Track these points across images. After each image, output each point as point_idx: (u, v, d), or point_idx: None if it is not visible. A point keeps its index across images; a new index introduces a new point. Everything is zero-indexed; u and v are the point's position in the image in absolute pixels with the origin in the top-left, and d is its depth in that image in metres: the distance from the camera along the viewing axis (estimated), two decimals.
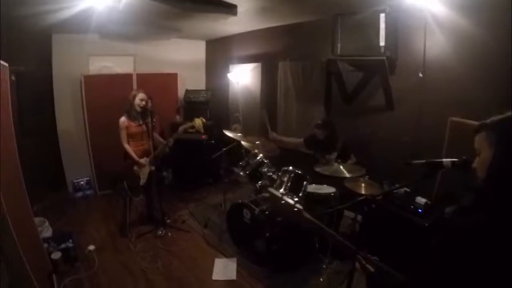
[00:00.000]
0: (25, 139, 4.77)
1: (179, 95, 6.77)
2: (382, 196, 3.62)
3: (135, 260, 3.79)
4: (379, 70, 4.08)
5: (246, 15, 4.55)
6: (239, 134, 4.57)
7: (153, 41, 6.44)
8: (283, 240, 3.50)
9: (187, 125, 4.48)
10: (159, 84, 6.17)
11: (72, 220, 4.80)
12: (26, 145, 4.81)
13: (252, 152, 4.28)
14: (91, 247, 3.94)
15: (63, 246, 3.70)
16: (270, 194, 3.35)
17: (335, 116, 4.81)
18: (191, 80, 7.16)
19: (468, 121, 3.28)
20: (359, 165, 3.82)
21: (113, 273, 3.57)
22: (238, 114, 6.44)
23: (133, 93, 4.22)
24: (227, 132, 4.62)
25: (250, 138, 4.55)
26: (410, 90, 4.03)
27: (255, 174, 4.08)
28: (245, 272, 3.59)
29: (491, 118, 1.25)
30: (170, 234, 4.31)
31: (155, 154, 4.21)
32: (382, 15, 3.70)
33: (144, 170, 4.28)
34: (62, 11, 3.69)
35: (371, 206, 3.57)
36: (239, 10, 4.21)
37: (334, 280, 3.38)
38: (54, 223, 4.40)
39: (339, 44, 4.12)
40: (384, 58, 3.80)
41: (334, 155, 4.08)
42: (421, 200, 3.46)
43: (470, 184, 1.31)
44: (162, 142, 4.39)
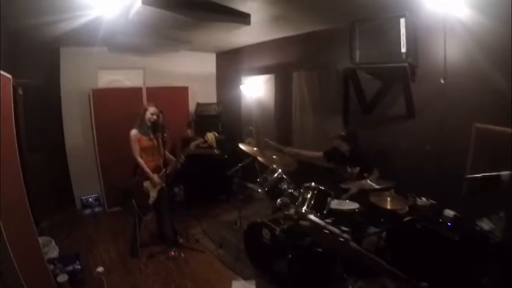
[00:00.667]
0: (32, 155, 4.77)
1: (190, 109, 6.71)
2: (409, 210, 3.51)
3: (147, 283, 3.61)
4: (400, 77, 3.93)
5: (259, 24, 4.48)
6: (255, 149, 4.40)
7: (162, 53, 6.41)
8: (306, 261, 3.34)
9: (198, 140, 4.32)
10: (169, 98, 6.09)
11: (80, 239, 4.66)
12: (33, 160, 4.82)
13: (270, 167, 4.10)
14: (100, 269, 3.76)
15: (70, 268, 3.55)
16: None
17: (354, 127, 4.63)
18: (202, 93, 7.09)
19: (494, 127, 3.24)
20: (383, 178, 3.69)
21: None
22: (251, 128, 6.30)
23: (144, 106, 4.13)
24: (243, 147, 4.46)
25: (267, 152, 4.37)
26: (431, 97, 3.89)
27: (274, 191, 3.89)
28: None
29: None
30: (183, 255, 4.12)
31: (167, 171, 4.08)
32: (402, 20, 3.55)
33: (155, 188, 4.14)
34: (70, 21, 3.65)
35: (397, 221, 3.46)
36: (252, 19, 4.16)
37: None
38: (61, 242, 4.27)
39: (357, 52, 3.97)
40: (406, 64, 3.65)
41: (357, 169, 3.95)
42: (449, 212, 3.35)
43: None
44: (173, 159, 4.25)
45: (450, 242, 3.01)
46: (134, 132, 4.03)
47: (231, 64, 7.05)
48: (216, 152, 5.70)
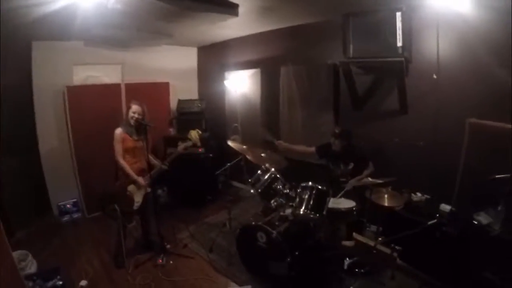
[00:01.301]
0: (4, 159, 4.58)
1: (171, 106, 6.53)
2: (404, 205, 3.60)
3: None
4: (394, 72, 3.92)
5: (246, 16, 4.33)
6: (244, 146, 4.26)
7: (142, 48, 6.17)
8: (305, 263, 3.29)
9: (187, 143, 4.16)
10: (149, 94, 5.87)
11: (59, 249, 4.39)
12: (6, 165, 4.62)
13: (263, 166, 3.96)
14: (83, 283, 3.51)
15: (51, 284, 3.31)
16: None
17: (344, 122, 4.66)
18: (183, 89, 6.94)
19: (487, 122, 3.31)
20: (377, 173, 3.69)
21: None
22: (236, 125, 6.19)
23: (128, 104, 3.91)
24: (232, 144, 4.30)
25: (256, 150, 4.25)
26: (424, 92, 3.94)
27: (268, 192, 3.77)
28: None
29: None
30: (171, 262, 3.95)
31: (151, 174, 3.90)
32: (399, 14, 3.53)
33: (140, 192, 3.94)
34: (43, 6, 3.34)
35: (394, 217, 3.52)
36: (240, 10, 4.02)
37: None
38: (39, 254, 4.01)
39: (351, 46, 3.92)
40: (402, 59, 3.64)
41: (351, 166, 3.92)
42: (445, 207, 3.47)
43: None
44: (156, 163, 4.07)
45: (448, 237, 3.13)
46: (119, 131, 3.81)
47: (214, 58, 6.91)
48: (200, 150, 5.56)
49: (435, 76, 3.76)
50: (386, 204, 3.25)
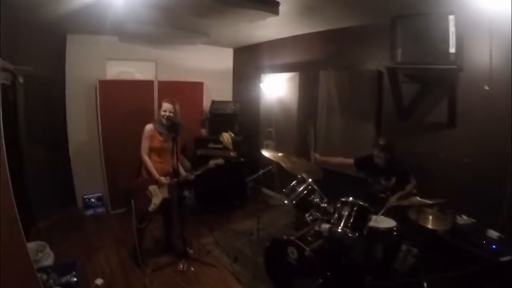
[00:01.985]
0: (32, 148, 4.72)
1: (204, 107, 6.52)
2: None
3: None
4: (445, 81, 3.74)
5: (287, 16, 4.29)
6: (279, 154, 4.10)
7: (177, 46, 6.24)
8: (337, 284, 3.09)
9: (219, 161, 4.03)
10: (183, 93, 5.83)
11: (79, 243, 4.42)
12: (34, 155, 4.76)
13: (299, 176, 3.80)
14: (99, 281, 3.45)
15: (65, 279, 3.27)
16: None
17: (386, 134, 4.40)
18: (217, 90, 6.94)
19: None
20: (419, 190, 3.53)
21: None
22: (270, 129, 6.08)
23: (161, 103, 3.86)
24: (265, 153, 4.16)
25: (292, 158, 4.08)
26: (474, 104, 3.68)
27: (304, 204, 3.61)
28: None
29: None
30: (193, 269, 3.83)
31: (178, 180, 3.83)
32: (451, 17, 3.32)
33: (160, 195, 3.84)
34: None
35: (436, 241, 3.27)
36: (281, 9, 3.93)
37: None
38: (58, 246, 4.05)
39: (399, 50, 3.70)
40: (455, 67, 3.42)
41: (393, 180, 3.72)
42: (493, 233, 3.19)
43: None
44: (183, 171, 3.98)
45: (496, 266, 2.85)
46: (149, 127, 3.79)
47: (250, 60, 6.88)
48: (231, 154, 5.48)
49: (487, 87, 3.49)
50: (430, 226, 3.03)
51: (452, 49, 3.34)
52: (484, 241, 3.08)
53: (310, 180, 3.72)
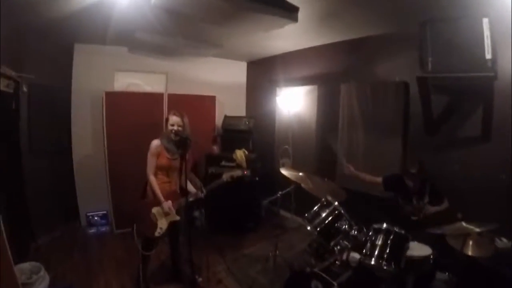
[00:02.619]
0: (34, 160, 4.69)
1: (216, 122, 6.42)
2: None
3: None
4: (480, 90, 3.56)
5: (306, 24, 4.18)
6: (300, 174, 3.85)
7: (188, 58, 6.11)
8: None
9: (235, 173, 3.84)
10: (194, 107, 5.73)
11: (78, 264, 4.24)
12: (35, 166, 4.72)
13: (323, 199, 3.49)
14: None
15: None
16: None
17: (414, 150, 4.26)
18: (230, 105, 6.86)
19: None
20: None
21: None
22: (287, 147, 5.90)
23: (167, 116, 3.68)
24: (284, 172, 3.90)
25: (314, 178, 3.83)
26: (509, 116, 3.42)
27: (329, 231, 3.27)
28: None
29: None
30: None
31: (186, 200, 3.53)
32: (486, 21, 3.14)
33: (165, 218, 3.59)
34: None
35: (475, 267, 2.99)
36: (300, 16, 3.76)
37: None
38: (55, 267, 3.90)
39: (430, 58, 3.51)
40: (493, 74, 3.21)
41: (426, 200, 3.47)
42: None
43: None
44: (193, 189, 3.76)
45: None
46: (156, 143, 3.55)
47: (264, 73, 6.83)
48: (245, 172, 5.27)
49: None
50: (471, 253, 2.73)
51: (488, 55, 3.15)
52: None
53: (336, 203, 3.40)
